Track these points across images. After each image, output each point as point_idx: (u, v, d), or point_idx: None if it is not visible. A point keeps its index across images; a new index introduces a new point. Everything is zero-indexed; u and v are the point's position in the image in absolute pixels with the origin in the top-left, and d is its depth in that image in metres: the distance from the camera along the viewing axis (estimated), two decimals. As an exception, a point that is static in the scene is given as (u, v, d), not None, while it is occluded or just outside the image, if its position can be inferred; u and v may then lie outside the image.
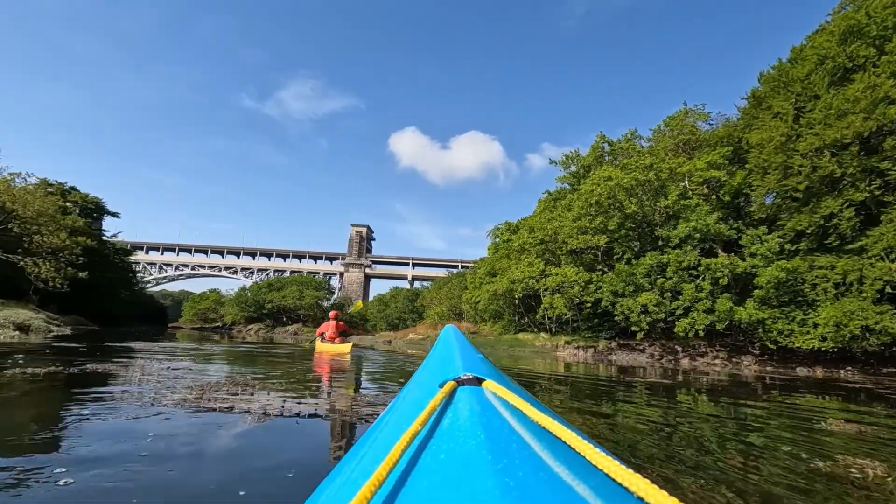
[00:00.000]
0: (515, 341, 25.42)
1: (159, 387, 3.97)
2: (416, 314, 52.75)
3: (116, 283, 31.65)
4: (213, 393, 3.70)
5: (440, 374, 0.88)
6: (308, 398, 3.81)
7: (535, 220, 23.00)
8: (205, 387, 4.04)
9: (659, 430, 3.22)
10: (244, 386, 4.27)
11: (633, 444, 2.75)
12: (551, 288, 20.21)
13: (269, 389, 4.12)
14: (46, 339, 10.90)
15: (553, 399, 4.72)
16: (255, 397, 3.63)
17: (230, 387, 4.16)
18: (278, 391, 4.04)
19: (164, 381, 4.39)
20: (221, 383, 4.39)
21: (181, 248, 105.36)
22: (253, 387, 4.24)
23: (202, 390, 3.80)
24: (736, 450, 2.73)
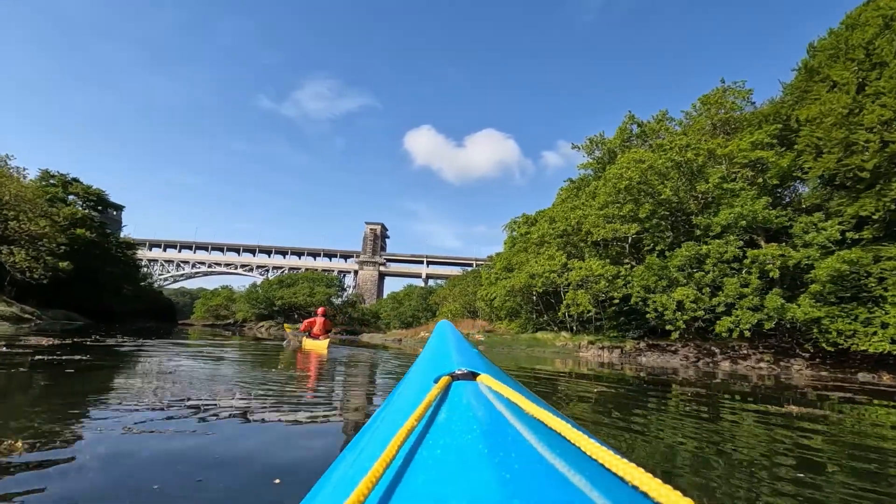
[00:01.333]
0: (534, 341, 23.69)
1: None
2: (429, 312, 51.84)
3: (118, 277, 30.92)
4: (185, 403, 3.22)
5: (435, 369, 0.88)
6: (297, 404, 3.52)
7: (556, 211, 21.26)
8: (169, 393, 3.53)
9: (701, 452, 2.78)
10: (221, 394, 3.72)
11: (673, 469, 2.38)
12: (574, 283, 18.45)
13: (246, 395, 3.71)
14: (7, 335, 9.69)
15: (576, 409, 4.10)
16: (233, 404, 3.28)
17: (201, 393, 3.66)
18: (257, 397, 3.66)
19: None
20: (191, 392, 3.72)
21: (198, 246, 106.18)
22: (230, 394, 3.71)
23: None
24: (794, 481, 2.25)
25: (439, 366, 0.90)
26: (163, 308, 47.00)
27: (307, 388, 4.53)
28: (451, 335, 1.26)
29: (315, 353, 8.76)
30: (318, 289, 45.84)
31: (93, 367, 4.91)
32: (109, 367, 5.07)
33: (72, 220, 24.90)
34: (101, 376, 4.32)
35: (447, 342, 1.16)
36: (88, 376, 4.21)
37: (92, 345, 7.83)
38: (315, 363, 7.10)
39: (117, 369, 5.00)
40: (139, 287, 38.75)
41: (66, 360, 5.22)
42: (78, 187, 29.74)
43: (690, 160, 15.51)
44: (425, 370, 1.01)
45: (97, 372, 4.58)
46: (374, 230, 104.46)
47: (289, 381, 4.84)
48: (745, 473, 2.40)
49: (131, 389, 3.62)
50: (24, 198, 18.00)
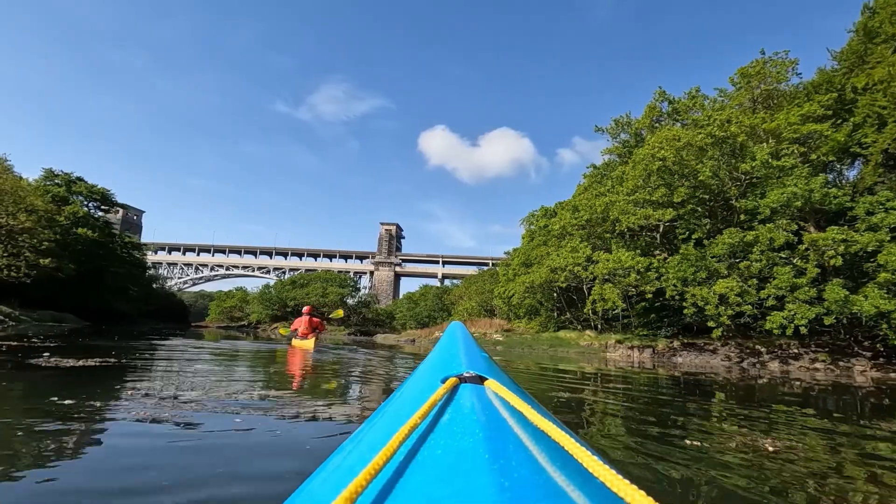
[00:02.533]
0: (556, 340, 22.07)
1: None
2: (445, 312, 50.92)
3: (123, 277, 30.10)
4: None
5: (443, 369, 0.88)
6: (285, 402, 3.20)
7: (579, 199, 19.63)
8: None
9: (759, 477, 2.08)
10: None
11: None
12: (601, 276, 16.80)
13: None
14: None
15: (606, 421, 3.38)
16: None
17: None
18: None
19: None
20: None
21: (216, 249, 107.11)
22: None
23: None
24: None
25: (448, 366, 0.90)
26: (175, 310, 46.63)
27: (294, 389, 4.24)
28: (461, 337, 1.26)
29: (301, 351, 8.77)
30: (331, 289, 44.86)
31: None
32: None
33: (74, 219, 24.26)
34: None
35: (457, 344, 1.15)
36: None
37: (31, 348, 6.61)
38: (300, 362, 6.89)
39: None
40: (149, 289, 38.20)
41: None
42: (82, 186, 29.06)
43: (734, 134, 13.73)
44: (433, 370, 1.00)
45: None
46: (389, 230, 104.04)
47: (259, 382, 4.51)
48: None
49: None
50: (2, 189, 16.87)
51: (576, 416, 3.47)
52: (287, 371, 5.84)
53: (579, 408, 3.93)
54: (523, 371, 7.97)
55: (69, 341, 8.58)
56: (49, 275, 19.19)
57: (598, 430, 2.95)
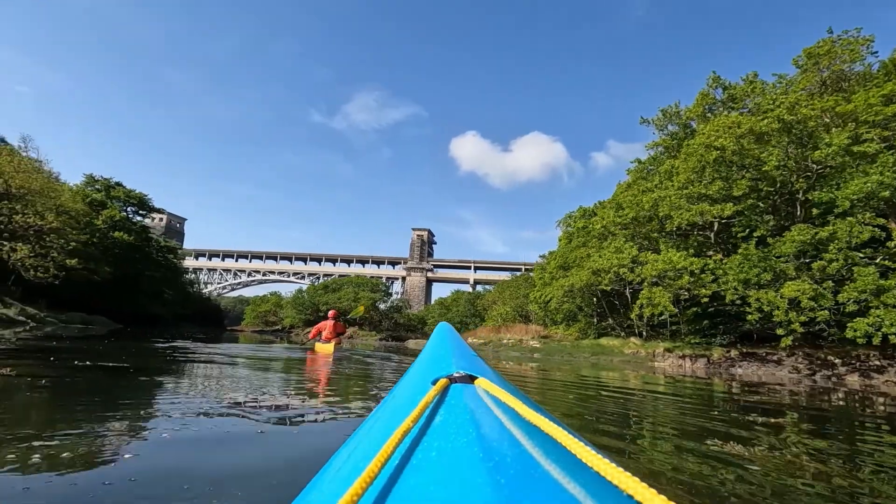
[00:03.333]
0: (598, 347, 20.68)
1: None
2: (477, 318, 50.15)
3: (158, 281, 30.54)
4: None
5: (433, 371, 0.87)
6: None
7: (622, 197, 18.28)
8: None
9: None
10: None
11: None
12: (650, 279, 15.41)
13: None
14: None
15: (653, 446, 2.71)
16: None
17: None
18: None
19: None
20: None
21: (253, 255, 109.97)
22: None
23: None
24: None
25: (437, 368, 0.89)
26: (210, 314, 47.49)
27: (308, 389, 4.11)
28: (450, 337, 1.27)
29: (323, 356, 8.73)
30: (363, 293, 44.61)
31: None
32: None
33: (111, 223, 24.73)
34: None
35: (446, 344, 1.16)
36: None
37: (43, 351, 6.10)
38: (324, 366, 6.78)
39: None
40: (185, 293, 38.86)
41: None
42: (120, 191, 29.73)
43: (805, 118, 12.17)
44: (423, 372, 0.99)
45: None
46: (420, 236, 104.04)
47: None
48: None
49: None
50: (32, 189, 16.78)
51: (620, 436, 2.91)
52: (306, 377, 5.50)
53: (623, 426, 3.34)
54: (559, 381, 7.01)
55: (79, 344, 8.13)
56: (86, 278, 19.44)
57: (644, 454, 2.46)
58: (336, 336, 10.24)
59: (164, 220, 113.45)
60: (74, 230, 17.91)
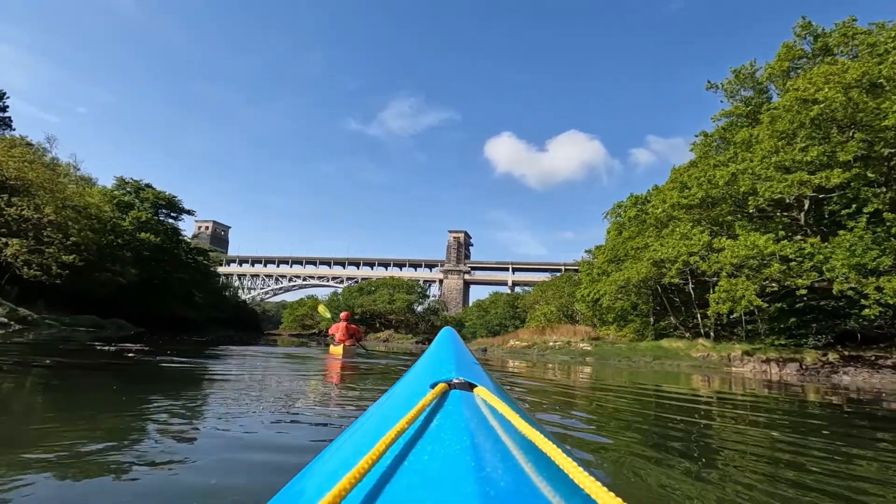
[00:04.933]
0: (659, 350, 18.08)
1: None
2: (517, 319, 48.30)
3: (188, 283, 29.89)
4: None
5: (432, 375, 0.88)
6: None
7: (687, 175, 15.72)
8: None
9: None
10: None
11: None
12: (729, 267, 12.85)
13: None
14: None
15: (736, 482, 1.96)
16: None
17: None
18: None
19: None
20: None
21: (293, 261, 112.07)
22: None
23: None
24: None
25: (437, 372, 0.89)
26: (246, 318, 47.44)
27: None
28: (452, 342, 1.26)
29: (333, 358, 8.61)
30: (398, 295, 43.26)
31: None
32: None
33: (137, 223, 24.32)
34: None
35: (448, 349, 1.15)
36: None
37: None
38: (337, 370, 6.50)
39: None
40: (220, 297, 38.55)
41: None
42: (149, 192, 29.53)
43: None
44: (422, 375, 0.99)
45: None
46: (457, 238, 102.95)
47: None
48: None
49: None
50: (27, 179, 15.60)
51: (691, 457, 2.22)
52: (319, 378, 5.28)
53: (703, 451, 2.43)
54: (625, 388, 5.74)
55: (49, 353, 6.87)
56: (111, 279, 18.85)
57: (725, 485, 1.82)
58: (349, 338, 10.10)
59: (209, 229, 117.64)
60: (76, 224, 16.99)
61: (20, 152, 16.57)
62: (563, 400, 4.59)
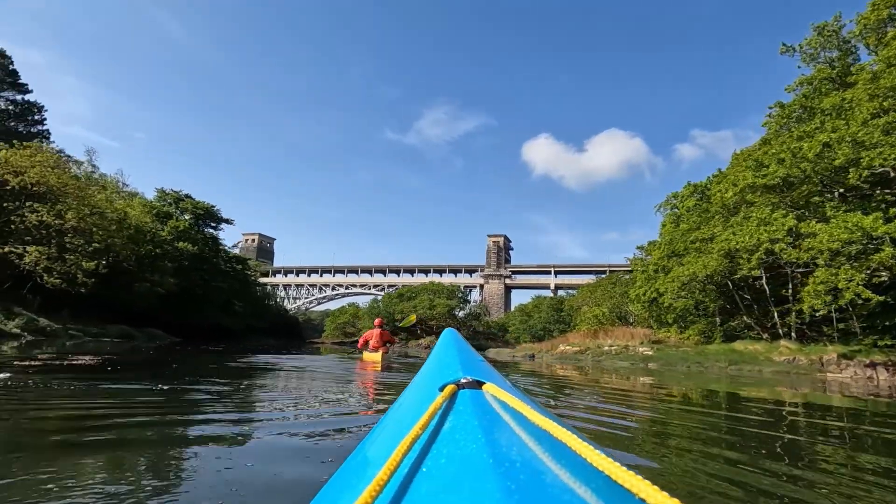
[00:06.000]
0: (734, 354, 15.94)
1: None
2: (562, 324, 46.57)
3: (227, 292, 29.78)
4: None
5: (440, 377, 0.88)
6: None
7: (763, 152, 13.65)
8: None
9: None
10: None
11: None
12: (827, 254, 10.77)
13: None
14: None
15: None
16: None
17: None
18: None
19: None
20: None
21: (336, 270, 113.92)
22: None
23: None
24: None
25: (444, 374, 0.90)
26: (287, 326, 47.70)
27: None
28: (456, 343, 1.27)
29: (371, 365, 8.38)
30: (439, 300, 42.19)
31: None
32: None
33: (175, 233, 24.50)
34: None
35: (452, 350, 1.16)
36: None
37: None
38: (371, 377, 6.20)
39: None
40: (261, 305, 38.66)
41: None
42: (188, 203, 29.74)
43: None
44: (430, 378, 1.01)
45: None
46: (496, 242, 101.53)
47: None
48: None
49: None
50: (50, 184, 15.26)
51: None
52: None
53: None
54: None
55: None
56: (149, 289, 18.81)
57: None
58: (384, 345, 9.97)
59: (255, 241, 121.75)
60: (115, 235, 16.89)
61: (43, 158, 16.39)
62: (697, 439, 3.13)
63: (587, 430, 2.81)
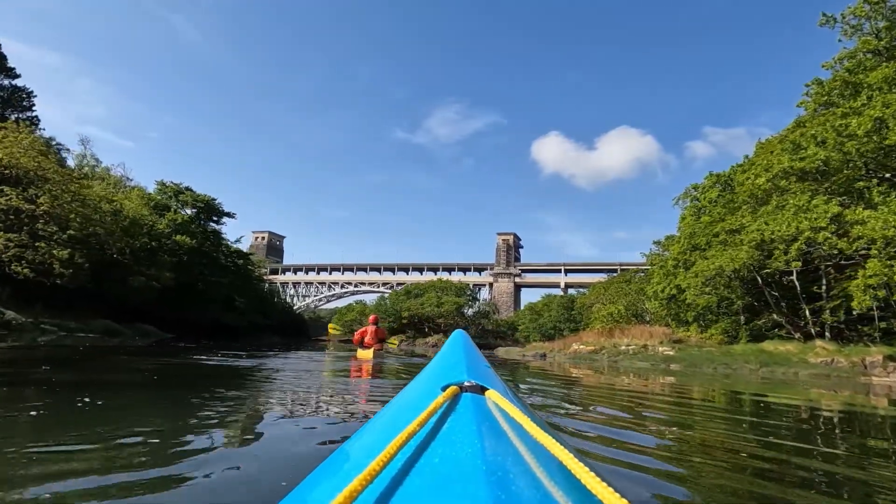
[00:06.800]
0: (764, 355, 14.73)
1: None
2: (573, 322, 45.61)
3: (227, 288, 28.76)
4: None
5: (443, 377, 0.88)
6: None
7: (798, 135, 12.43)
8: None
9: None
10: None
11: None
12: (881, 242, 9.56)
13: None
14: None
15: None
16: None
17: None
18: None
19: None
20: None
21: (345, 268, 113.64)
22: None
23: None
24: None
25: (448, 375, 0.89)
26: (293, 324, 47.03)
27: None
28: (464, 345, 1.25)
29: (365, 362, 8.61)
30: (447, 298, 41.21)
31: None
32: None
33: (173, 226, 23.69)
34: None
35: (459, 352, 1.14)
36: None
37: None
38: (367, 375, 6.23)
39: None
40: (266, 302, 37.79)
41: None
42: (188, 195, 29.02)
43: None
44: (434, 377, 1.00)
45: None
46: (506, 240, 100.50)
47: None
48: None
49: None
50: (21, 166, 14.17)
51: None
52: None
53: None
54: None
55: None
56: (146, 284, 18.03)
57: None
58: (378, 341, 9.89)
59: (265, 239, 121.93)
60: (98, 224, 15.81)
61: (14, 139, 15.29)
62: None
63: (609, 440, 2.46)
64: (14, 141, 15.41)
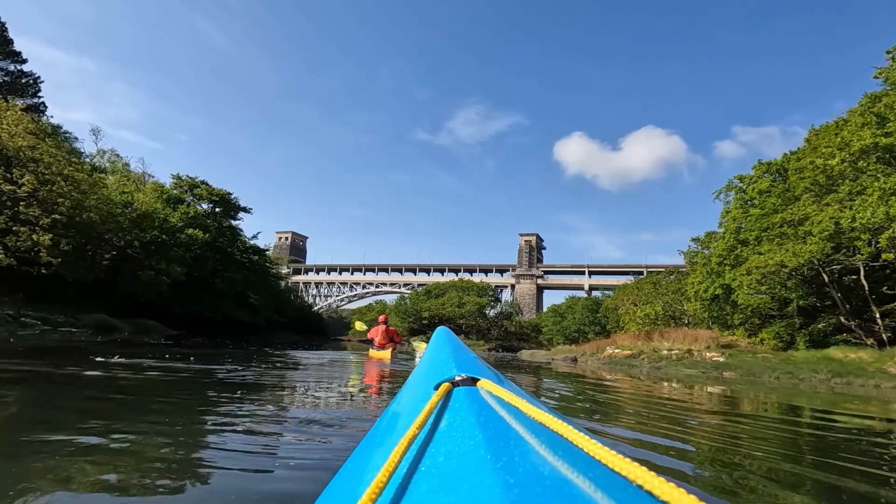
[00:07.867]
0: (830, 363, 12.83)
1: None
2: (598, 325, 43.96)
3: (241, 283, 27.74)
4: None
5: (434, 376, 0.88)
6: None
7: (882, 106, 10.66)
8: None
9: None
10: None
11: None
12: None
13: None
14: None
15: None
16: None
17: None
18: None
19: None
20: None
21: (367, 268, 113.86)
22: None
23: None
24: None
25: (439, 372, 0.90)
26: (311, 323, 46.36)
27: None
28: (448, 341, 1.27)
29: (377, 361, 8.77)
30: (468, 298, 39.89)
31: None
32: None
33: (186, 219, 23.07)
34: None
35: (446, 348, 1.17)
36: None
37: None
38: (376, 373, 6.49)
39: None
40: (282, 300, 37.00)
41: None
42: (203, 189, 28.19)
43: None
44: (425, 377, 1.01)
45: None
46: (528, 241, 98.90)
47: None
48: None
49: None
50: (8, 146, 13.26)
51: None
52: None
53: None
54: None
55: None
56: (155, 278, 17.37)
57: None
58: (389, 342, 9.65)
59: (289, 239, 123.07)
60: (66, 200, 14.41)
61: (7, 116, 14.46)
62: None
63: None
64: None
